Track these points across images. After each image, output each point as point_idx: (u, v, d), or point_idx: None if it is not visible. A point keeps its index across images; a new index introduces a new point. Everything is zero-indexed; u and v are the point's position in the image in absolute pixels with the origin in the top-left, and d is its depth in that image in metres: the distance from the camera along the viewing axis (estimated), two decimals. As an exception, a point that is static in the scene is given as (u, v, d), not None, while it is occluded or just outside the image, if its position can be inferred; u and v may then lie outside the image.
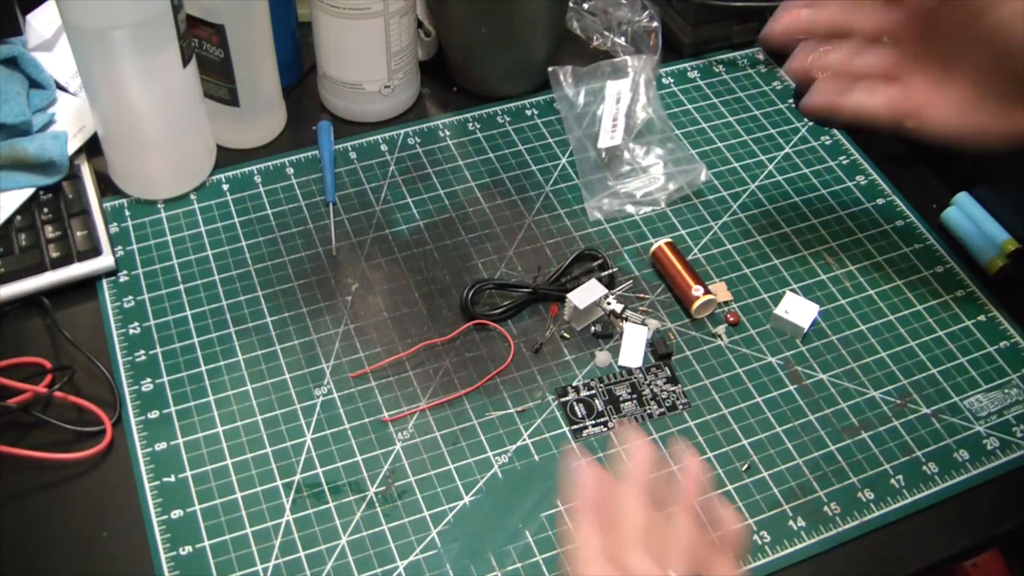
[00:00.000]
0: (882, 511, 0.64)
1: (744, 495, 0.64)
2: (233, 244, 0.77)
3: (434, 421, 0.67)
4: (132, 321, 0.71)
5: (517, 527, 0.62)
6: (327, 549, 0.61)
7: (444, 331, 0.72)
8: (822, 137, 0.88)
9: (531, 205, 0.81)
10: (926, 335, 0.74)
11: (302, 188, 0.81)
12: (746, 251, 0.78)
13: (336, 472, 0.64)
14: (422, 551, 0.61)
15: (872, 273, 0.78)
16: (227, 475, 0.64)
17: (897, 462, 0.67)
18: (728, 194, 0.83)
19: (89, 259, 0.73)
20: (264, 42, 0.80)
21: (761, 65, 0.94)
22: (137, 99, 0.72)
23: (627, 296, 0.75)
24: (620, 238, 0.79)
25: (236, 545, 0.61)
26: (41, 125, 0.79)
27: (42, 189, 0.76)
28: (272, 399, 0.68)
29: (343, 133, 0.85)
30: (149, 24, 0.68)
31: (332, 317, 0.72)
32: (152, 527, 0.61)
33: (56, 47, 0.84)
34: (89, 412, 0.66)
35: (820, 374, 0.71)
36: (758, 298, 0.75)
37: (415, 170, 0.83)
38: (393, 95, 0.85)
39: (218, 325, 0.71)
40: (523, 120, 0.87)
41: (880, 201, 0.83)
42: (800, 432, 0.68)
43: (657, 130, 0.85)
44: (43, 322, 0.71)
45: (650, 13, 0.92)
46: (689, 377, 0.70)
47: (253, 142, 0.84)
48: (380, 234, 0.78)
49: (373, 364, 0.70)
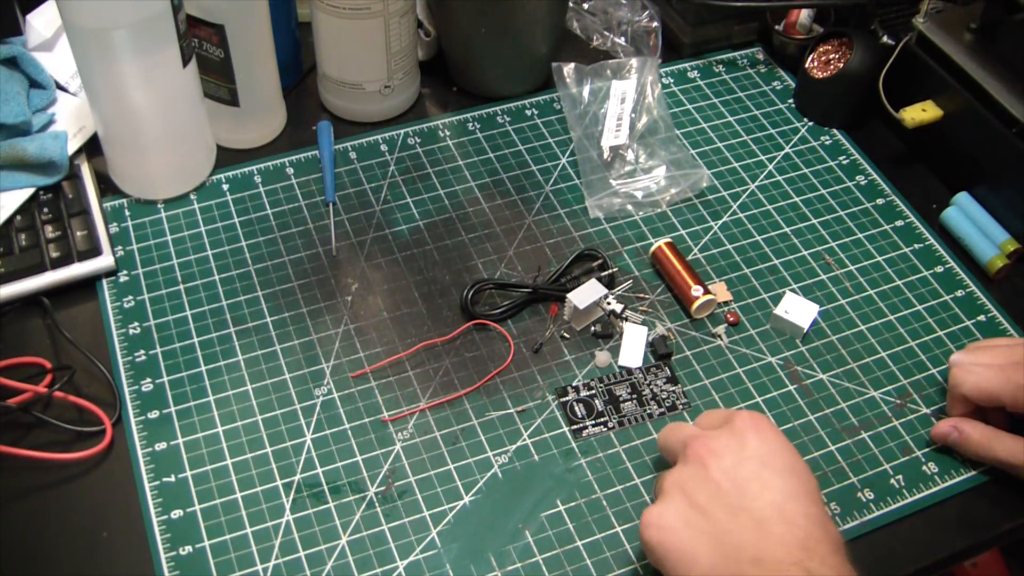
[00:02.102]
0: (882, 511, 0.64)
1: (744, 495, 0.64)
2: (233, 244, 0.76)
3: (434, 421, 0.67)
4: (132, 321, 0.71)
5: (517, 527, 0.62)
6: (327, 549, 0.61)
7: (444, 331, 0.72)
8: (822, 137, 0.88)
9: (531, 205, 0.81)
10: (926, 335, 0.74)
11: (302, 188, 0.81)
12: (746, 251, 0.78)
13: (336, 472, 0.64)
14: (422, 551, 0.61)
15: (872, 273, 0.78)
16: (227, 475, 0.64)
17: (897, 462, 0.67)
18: (728, 194, 0.83)
19: (89, 259, 0.73)
20: (264, 42, 0.80)
21: (761, 65, 0.94)
22: (137, 99, 0.72)
23: (627, 296, 0.75)
24: (620, 238, 0.79)
25: (236, 545, 0.61)
26: (41, 125, 0.79)
27: (42, 189, 0.76)
28: (272, 399, 0.68)
29: (343, 133, 0.85)
30: (149, 24, 0.68)
31: (332, 317, 0.72)
32: (152, 527, 0.61)
33: (56, 47, 0.84)
34: (89, 412, 0.66)
35: (820, 374, 0.71)
36: (758, 298, 0.75)
37: (415, 170, 0.83)
38: (393, 95, 0.85)
39: (218, 325, 0.71)
40: (523, 120, 0.87)
41: (880, 201, 0.83)
42: (800, 432, 0.68)
43: (661, 132, 0.85)
44: (43, 322, 0.71)
45: (650, 13, 0.92)
46: (689, 377, 0.70)
47: (253, 142, 0.84)
48: (380, 234, 0.78)
49: (373, 364, 0.70)
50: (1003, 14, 0.79)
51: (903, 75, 0.83)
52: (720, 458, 0.55)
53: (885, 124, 0.88)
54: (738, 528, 0.52)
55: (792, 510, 0.52)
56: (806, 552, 0.51)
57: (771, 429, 0.57)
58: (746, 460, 0.55)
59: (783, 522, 0.52)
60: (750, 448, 0.55)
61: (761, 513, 0.52)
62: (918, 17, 0.83)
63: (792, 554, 0.51)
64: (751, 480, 0.54)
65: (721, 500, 0.53)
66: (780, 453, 0.55)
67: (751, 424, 0.56)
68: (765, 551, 0.51)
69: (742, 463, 0.55)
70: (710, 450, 0.56)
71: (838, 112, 0.88)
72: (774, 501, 0.53)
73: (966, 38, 0.81)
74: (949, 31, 0.82)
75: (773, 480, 0.54)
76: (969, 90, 0.79)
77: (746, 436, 0.56)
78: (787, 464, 0.55)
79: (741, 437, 0.56)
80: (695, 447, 0.56)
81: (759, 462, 0.55)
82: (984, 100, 0.78)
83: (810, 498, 0.54)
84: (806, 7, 0.91)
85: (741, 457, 0.55)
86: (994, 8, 0.80)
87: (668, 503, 0.55)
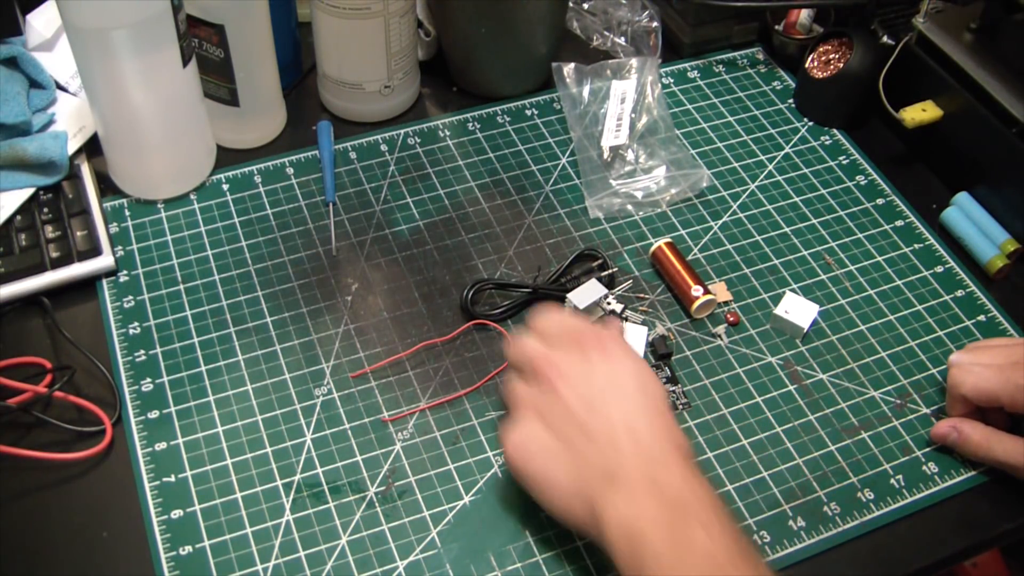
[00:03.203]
0: (882, 511, 0.64)
1: (744, 495, 0.64)
2: (233, 244, 0.76)
3: (434, 421, 0.67)
4: (132, 321, 0.71)
5: (517, 527, 0.62)
6: (327, 549, 0.61)
7: (444, 331, 0.72)
8: (822, 137, 0.88)
9: (531, 205, 0.81)
10: (926, 335, 0.74)
11: (302, 188, 0.81)
12: (746, 251, 0.79)
13: (336, 472, 0.64)
14: (422, 551, 0.61)
15: (872, 273, 0.78)
16: (227, 475, 0.64)
17: (897, 462, 0.67)
18: (728, 194, 0.83)
19: (89, 259, 0.73)
20: (264, 42, 0.80)
21: (761, 65, 0.94)
22: (137, 99, 0.72)
23: (627, 296, 0.75)
24: (620, 238, 0.79)
25: (236, 545, 0.61)
26: (41, 125, 0.79)
27: (42, 189, 0.76)
28: (272, 399, 0.68)
29: (343, 133, 0.85)
30: (149, 24, 0.68)
31: (332, 317, 0.72)
32: (152, 527, 0.61)
33: (56, 47, 0.84)
34: (89, 412, 0.66)
35: (820, 374, 0.71)
36: (758, 298, 0.75)
37: (415, 170, 0.83)
38: (393, 95, 0.85)
39: (218, 325, 0.71)
40: (523, 120, 0.87)
41: (880, 201, 0.83)
42: (800, 432, 0.68)
43: (661, 132, 0.85)
44: (43, 322, 0.71)
45: (650, 13, 0.92)
46: (689, 377, 0.70)
47: (253, 142, 0.84)
48: (380, 234, 0.78)
49: (373, 364, 0.70)
50: (1003, 14, 0.79)
51: (903, 75, 0.83)
52: (569, 380, 0.58)
53: (885, 124, 0.88)
54: (591, 448, 0.56)
55: (639, 426, 0.56)
56: (653, 464, 0.55)
57: (617, 347, 0.60)
58: (594, 381, 0.58)
59: (631, 439, 0.55)
60: (598, 370, 0.58)
61: (612, 432, 0.56)
62: (918, 17, 0.83)
63: (640, 467, 0.54)
64: (599, 401, 0.57)
65: (573, 421, 0.57)
66: (626, 372, 0.58)
67: (596, 344, 0.59)
68: (617, 467, 0.54)
69: (590, 385, 0.58)
70: (560, 373, 0.58)
71: (838, 112, 0.88)
72: (623, 420, 0.56)
73: (966, 38, 0.81)
74: (949, 31, 0.82)
75: (620, 401, 0.57)
76: (969, 90, 0.79)
77: (592, 356, 0.59)
78: (633, 382, 0.58)
79: (587, 358, 0.59)
80: (543, 368, 0.59)
81: (606, 381, 0.58)
82: (984, 100, 0.78)
83: (656, 411, 0.57)
84: (806, 7, 0.91)
85: (589, 379, 0.58)
86: (994, 8, 0.80)
87: (524, 426, 0.58)
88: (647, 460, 0.55)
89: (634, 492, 0.53)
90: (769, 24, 0.94)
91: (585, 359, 0.59)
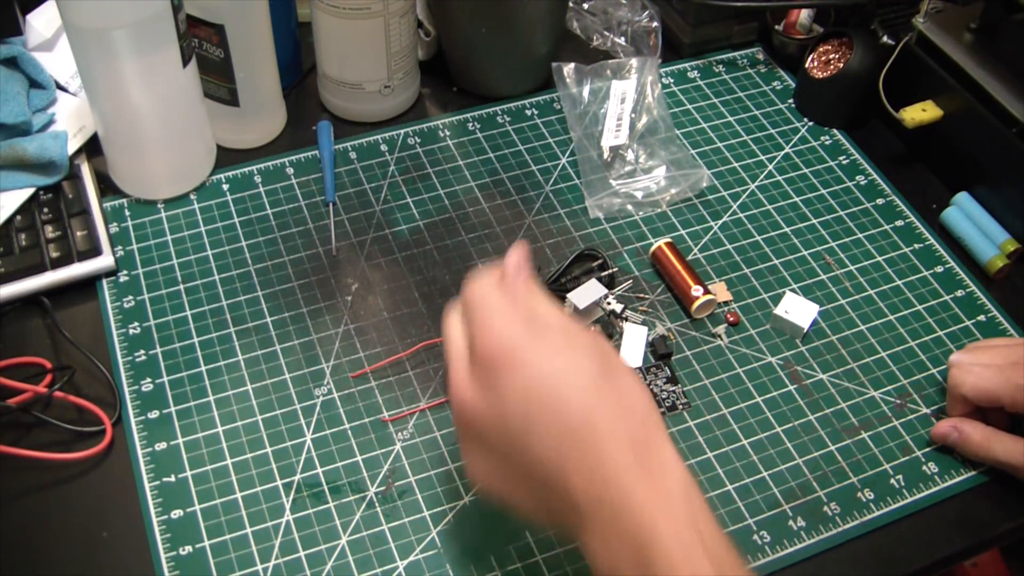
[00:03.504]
0: (882, 511, 0.64)
1: (744, 495, 0.64)
2: (233, 244, 0.77)
3: (434, 421, 0.67)
4: (132, 321, 0.71)
5: (517, 527, 0.62)
6: (327, 549, 0.61)
7: (444, 331, 0.72)
8: (822, 137, 0.88)
9: (531, 205, 0.81)
10: (926, 335, 0.74)
11: (302, 188, 0.81)
12: (746, 251, 0.79)
13: (336, 472, 0.64)
14: (422, 551, 0.61)
15: (872, 273, 0.78)
16: (227, 475, 0.64)
17: (897, 462, 0.67)
18: (728, 194, 0.83)
19: (89, 259, 0.73)
20: (264, 42, 0.80)
21: (761, 65, 0.94)
22: (137, 99, 0.72)
23: (627, 296, 0.75)
24: (620, 238, 0.79)
25: (236, 545, 0.61)
26: (41, 125, 0.79)
27: (42, 189, 0.76)
28: (272, 399, 0.68)
29: (343, 133, 0.85)
30: (149, 24, 0.68)
31: (332, 317, 0.72)
32: (152, 527, 0.61)
33: (56, 47, 0.84)
34: (89, 412, 0.66)
35: (820, 374, 0.71)
36: (758, 298, 0.75)
37: (415, 170, 0.83)
38: (393, 95, 0.85)
39: (218, 325, 0.71)
40: (523, 120, 0.87)
41: (880, 201, 0.83)
42: (800, 432, 0.68)
43: (661, 132, 0.85)
44: (43, 322, 0.71)
45: (650, 13, 0.92)
46: (689, 377, 0.70)
47: (253, 142, 0.84)
48: (380, 234, 0.78)
49: (373, 364, 0.70)
50: (1003, 14, 0.79)
51: (903, 75, 0.83)
52: (479, 413, 0.51)
53: (885, 124, 0.88)
54: (535, 467, 0.50)
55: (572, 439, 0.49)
56: (602, 467, 0.48)
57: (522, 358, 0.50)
58: (506, 410, 0.50)
59: (574, 454, 0.49)
60: (508, 397, 0.50)
61: (543, 456, 0.49)
62: (918, 17, 0.83)
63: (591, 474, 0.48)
64: (520, 433, 0.50)
65: (507, 447, 0.51)
66: (538, 386, 0.50)
67: (501, 359, 0.50)
68: (568, 478, 0.48)
69: (504, 415, 0.50)
70: (467, 404, 0.52)
71: (838, 112, 0.88)
72: (552, 445, 0.49)
73: (966, 38, 0.81)
74: (949, 31, 0.82)
75: (537, 427, 0.49)
76: (969, 90, 0.79)
77: (499, 378, 0.50)
78: (550, 394, 0.50)
79: (494, 383, 0.50)
80: (453, 396, 0.52)
81: (520, 406, 0.50)
82: (984, 100, 0.78)
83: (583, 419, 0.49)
84: (806, 7, 0.91)
85: (501, 409, 0.50)
86: (994, 8, 0.80)
87: (471, 455, 0.53)
88: (596, 465, 0.48)
89: (598, 532, 0.48)
90: (769, 24, 0.94)
91: (490, 385, 0.51)
